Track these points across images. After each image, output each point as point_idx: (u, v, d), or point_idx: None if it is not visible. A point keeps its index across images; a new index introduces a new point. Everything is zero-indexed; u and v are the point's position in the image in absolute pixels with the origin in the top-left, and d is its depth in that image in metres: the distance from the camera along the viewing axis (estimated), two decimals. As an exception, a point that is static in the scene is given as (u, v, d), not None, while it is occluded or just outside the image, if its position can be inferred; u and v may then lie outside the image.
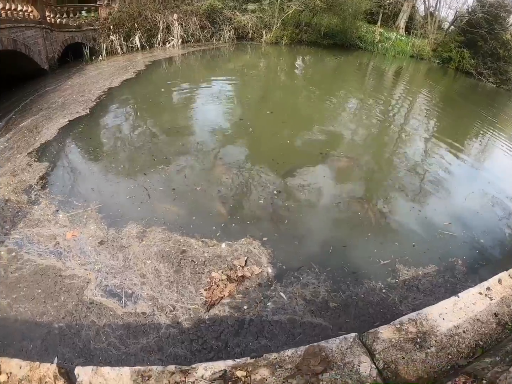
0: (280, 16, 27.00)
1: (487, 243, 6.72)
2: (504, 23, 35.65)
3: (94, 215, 5.86)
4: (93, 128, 9.58)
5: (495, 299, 4.31)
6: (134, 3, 22.10)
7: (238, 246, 5.34)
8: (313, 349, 2.87)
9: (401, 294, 5.03)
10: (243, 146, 8.93)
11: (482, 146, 13.52)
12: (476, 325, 3.84)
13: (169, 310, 4.32)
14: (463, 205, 8.08)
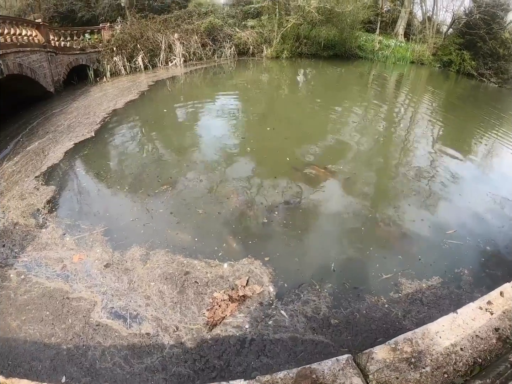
0: (279, 30, 27.27)
1: (494, 250, 6.67)
2: (502, 22, 35.67)
3: (100, 238, 6.00)
4: (98, 151, 9.74)
5: (496, 313, 4.18)
6: (135, 24, 22.62)
7: (240, 266, 5.43)
8: (305, 371, 2.94)
9: (404, 308, 5.02)
10: (245, 166, 9.00)
11: (486, 151, 13.40)
12: (475, 342, 3.73)
13: (172, 330, 4.40)
14: (468, 212, 8.06)
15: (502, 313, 4.11)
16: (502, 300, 4.32)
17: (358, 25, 32.73)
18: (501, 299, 4.34)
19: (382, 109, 17.55)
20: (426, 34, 39.07)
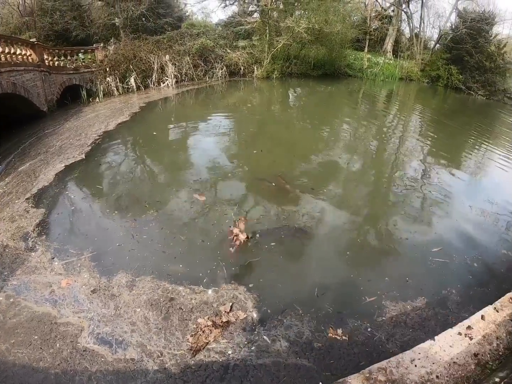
0: (270, 51, 27.77)
1: (481, 267, 6.77)
2: (488, 35, 36.52)
3: (87, 264, 6.09)
4: (87, 174, 9.87)
5: (476, 338, 4.31)
6: (128, 45, 22.95)
7: (224, 292, 5.53)
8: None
9: (388, 332, 5.09)
10: (233, 191, 9.06)
11: (475, 165, 13.87)
12: (452, 369, 3.82)
13: (156, 356, 4.47)
14: (454, 228, 8.22)
15: (482, 338, 4.27)
16: (483, 324, 4.47)
17: (346, 44, 33.28)
18: (482, 322, 4.49)
19: (372, 127, 17.93)
20: (414, 51, 39.99)
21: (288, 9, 28.73)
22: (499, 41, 38.10)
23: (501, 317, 4.65)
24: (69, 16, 27.39)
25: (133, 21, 27.66)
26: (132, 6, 26.87)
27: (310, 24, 26.39)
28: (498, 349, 4.12)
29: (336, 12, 29.03)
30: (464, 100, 34.01)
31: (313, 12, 27.86)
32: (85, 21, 28.37)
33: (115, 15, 27.52)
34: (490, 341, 4.23)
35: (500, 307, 4.83)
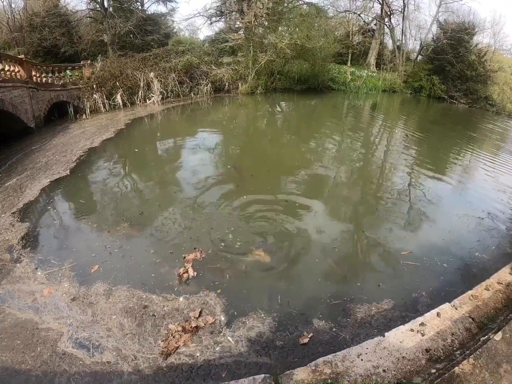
0: (254, 66, 28.27)
1: (453, 270, 7.04)
2: (468, 45, 37.53)
3: (68, 274, 6.41)
4: (71, 189, 10.16)
5: (429, 334, 4.41)
6: (115, 62, 23.33)
7: (195, 298, 5.83)
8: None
9: (353, 332, 5.28)
10: (209, 206, 9.29)
11: (457, 172, 14.40)
12: (400, 363, 3.93)
13: (131, 359, 4.75)
14: (426, 231, 8.65)
15: (436, 334, 4.41)
16: (438, 321, 4.63)
17: (329, 59, 33.89)
18: (437, 319, 4.65)
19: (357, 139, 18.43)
20: (397, 63, 40.83)
21: (271, 26, 29.31)
22: (479, 50, 39.20)
23: (459, 314, 4.80)
24: (58, 32, 27.67)
25: (121, 38, 28.16)
26: (120, 23, 27.31)
27: (292, 40, 26.98)
28: (452, 344, 4.25)
29: (318, 28, 29.65)
30: (447, 109, 34.71)
31: (295, 28, 28.49)
32: (74, 37, 28.67)
33: (103, 31, 27.94)
34: (444, 337, 4.36)
35: (459, 304, 5.01)
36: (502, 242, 8.43)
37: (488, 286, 5.55)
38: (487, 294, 5.31)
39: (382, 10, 41.86)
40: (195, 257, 6.92)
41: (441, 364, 3.86)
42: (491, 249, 8.01)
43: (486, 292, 5.37)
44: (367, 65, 42.15)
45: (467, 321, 4.69)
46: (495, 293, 5.35)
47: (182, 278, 6.34)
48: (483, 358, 3.70)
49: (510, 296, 5.28)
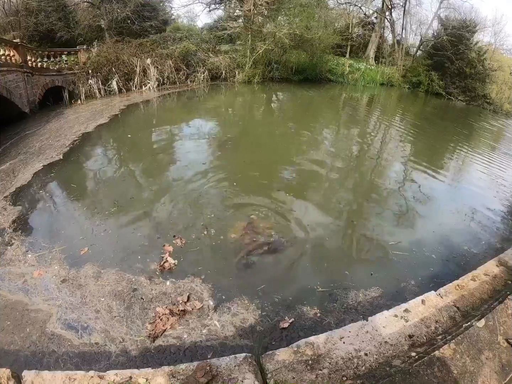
0: (251, 55, 28.11)
1: (442, 262, 7.16)
2: (468, 43, 37.61)
3: (58, 256, 6.45)
4: (64, 173, 10.17)
5: (412, 321, 4.42)
6: (111, 48, 23.07)
7: (182, 284, 5.89)
8: (204, 364, 3.43)
9: (338, 317, 5.37)
10: (198, 193, 9.28)
11: (452, 168, 14.74)
12: (382, 348, 3.94)
13: (119, 341, 4.80)
14: (418, 225, 8.78)
15: (420, 320, 4.43)
16: (423, 308, 4.64)
17: (328, 50, 33.85)
18: (422, 307, 4.66)
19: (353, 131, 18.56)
20: (396, 57, 40.76)
21: (271, 15, 29.17)
22: (479, 48, 39.18)
23: (444, 302, 4.83)
24: (54, 16, 27.49)
25: (118, 23, 27.88)
26: (118, 8, 27.07)
27: (291, 30, 26.88)
28: (436, 331, 4.27)
29: (318, 19, 29.51)
30: (444, 105, 34.87)
31: (294, 18, 28.35)
32: (70, 22, 28.40)
33: (100, 17, 27.67)
34: (428, 324, 4.38)
35: (445, 293, 5.03)
36: (492, 237, 8.56)
37: (475, 277, 5.57)
38: (474, 285, 5.34)
39: (383, 3, 41.74)
40: (176, 245, 6.98)
41: (422, 348, 3.92)
42: (480, 244, 8.14)
43: (473, 282, 5.40)
44: (366, 58, 42.06)
45: (452, 309, 4.72)
46: (481, 284, 5.38)
47: (164, 268, 6.37)
48: (465, 343, 3.73)
49: (496, 288, 5.30)
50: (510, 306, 4.40)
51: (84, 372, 3.36)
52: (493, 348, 3.80)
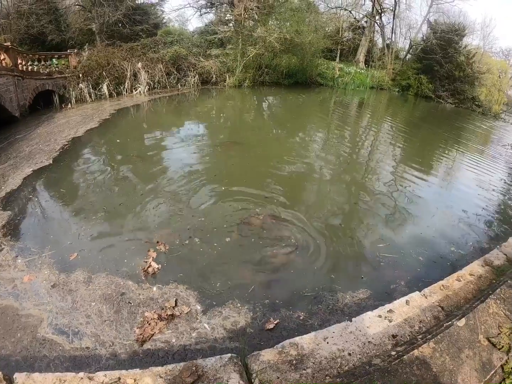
0: (242, 59, 28.23)
1: (427, 261, 7.32)
2: (457, 46, 38.21)
3: (48, 261, 6.49)
4: (53, 178, 10.17)
5: (396, 321, 4.51)
6: (102, 52, 23.06)
7: (167, 289, 5.95)
8: (190, 365, 3.51)
9: (323, 319, 5.47)
10: (188, 197, 9.39)
11: (441, 170, 15.06)
12: (366, 348, 4.02)
13: (108, 345, 4.86)
14: (406, 226, 8.92)
15: (404, 320, 4.51)
16: (407, 308, 4.73)
17: (318, 54, 34.16)
18: (406, 307, 4.75)
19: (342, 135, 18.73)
20: (386, 61, 41.20)
21: (261, 19, 29.32)
22: (468, 52, 39.76)
23: (428, 302, 4.92)
24: (45, 19, 27.44)
25: (109, 27, 27.90)
26: (109, 12, 27.07)
27: (282, 34, 27.06)
28: (419, 331, 4.33)
29: (308, 23, 29.72)
30: (433, 108, 35.28)
31: (285, 22, 28.52)
32: (61, 25, 28.40)
33: (91, 20, 27.64)
34: (411, 324, 4.47)
35: (429, 293, 5.13)
36: (479, 238, 8.75)
37: (460, 277, 5.68)
38: (458, 285, 5.44)
39: (373, 7, 42.22)
40: (159, 250, 7.03)
41: (402, 347, 4.01)
42: (468, 245, 8.32)
43: (458, 282, 5.51)
44: (356, 62, 42.52)
45: (436, 309, 4.81)
46: (466, 284, 5.49)
47: (148, 273, 6.43)
48: (444, 342, 3.80)
49: (481, 287, 5.40)
50: (492, 305, 4.44)
51: (74, 374, 3.43)
52: (473, 347, 3.86)
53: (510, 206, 11.68)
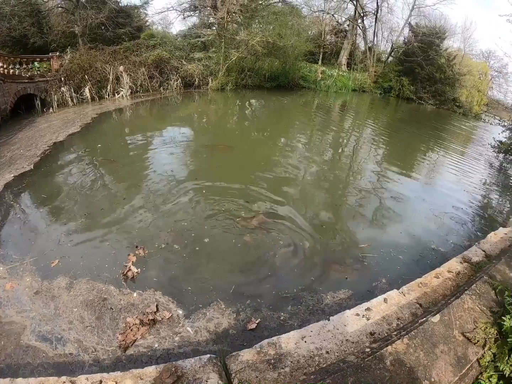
0: (225, 63, 28.16)
1: (407, 260, 7.52)
2: (438, 49, 39.03)
3: (29, 268, 6.46)
4: (34, 184, 10.05)
5: (374, 319, 4.62)
6: (84, 55, 22.76)
7: (147, 295, 5.99)
8: (170, 366, 3.60)
9: (303, 319, 5.57)
10: (170, 202, 9.40)
11: (423, 170, 15.42)
12: (344, 346, 4.13)
13: (91, 351, 4.89)
14: (387, 226, 9.16)
15: (382, 318, 4.62)
16: (385, 306, 4.84)
17: (301, 57, 34.33)
18: (384, 305, 4.87)
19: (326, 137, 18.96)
20: (368, 63, 41.73)
21: (244, 23, 29.42)
22: (449, 54, 40.49)
23: (406, 300, 5.05)
24: (28, 22, 26.95)
25: (92, 30, 27.66)
26: (92, 14, 26.82)
27: (264, 38, 27.14)
28: (397, 328, 4.42)
29: (291, 26, 29.85)
30: (415, 109, 35.97)
31: (268, 25, 28.66)
32: (44, 28, 27.92)
33: (74, 22, 27.34)
34: (389, 322, 4.58)
35: (407, 291, 5.27)
36: (460, 236, 9.04)
37: (438, 274, 5.84)
38: (437, 282, 5.59)
39: (355, 11, 42.64)
40: (139, 254, 7.07)
41: (376, 344, 4.12)
42: (448, 243, 8.58)
43: (436, 279, 5.66)
44: (338, 65, 42.91)
45: (414, 306, 4.94)
46: (444, 281, 5.63)
47: (127, 277, 6.47)
48: (418, 338, 3.91)
49: (460, 284, 5.55)
50: (467, 301, 4.57)
51: (57, 378, 3.49)
52: (448, 342, 3.97)
53: (490, 204, 12.12)
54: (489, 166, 18.23)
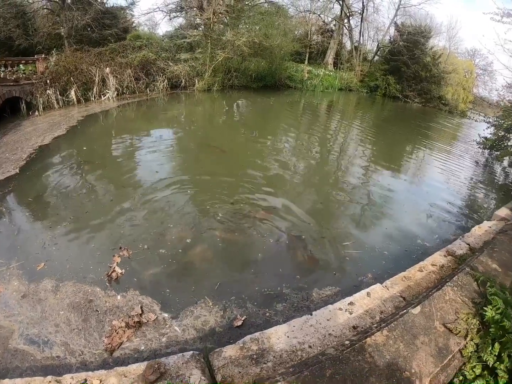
0: (211, 63, 28.19)
1: (392, 255, 7.66)
2: (424, 47, 39.78)
3: (16, 272, 6.47)
4: (20, 188, 10.03)
5: (357, 313, 4.70)
6: (70, 57, 22.58)
7: (131, 297, 6.02)
8: (153, 363, 3.67)
9: (288, 316, 5.63)
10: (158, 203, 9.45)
11: (409, 167, 15.73)
12: (326, 340, 4.19)
13: (78, 354, 4.93)
14: (373, 223, 9.29)
15: (365, 312, 4.71)
16: (368, 300, 4.94)
17: (287, 57, 34.55)
18: (367, 299, 4.96)
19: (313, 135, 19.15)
20: (354, 63, 42.15)
21: (230, 23, 29.46)
22: (434, 53, 41.03)
23: (390, 293, 5.14)
24: (13, 23, 26.61)
25: (78, 31, 27.44)
26: (78, 16, 26.60)
27: (250, 38, 27.25)
28: (380, 321, 4.47)
29: (278, 27, 29.94)
30: (401, 108, 36.34)
31: (254, 26, 28.74)
32: (29, 29, 27.64)
33: (60, 24, 27.12)
34: (372, 315, 4.66)
35: (391, 284, 5.37)
36: (445, 231, 9.23)
37: (422, 267, 5.98)
38: (420, 275, 5.71)
39: (342, 11, 42.93)
40: (123, 255, 7.11)
41: (356, 336, 4.20)
42: (434, 237, 8.76)
43: (420, 273, 5.78)
44: (324, 64, 43.15)
45: (397, 300, 5.04)
46: (428, 274, 5.76)
47: (111, 278, 6.52)
48: (398, 330, 3.99)
49: (443, 277, 5.65)
50: (448, 292, 4.65)
51: (42, 378, 3.57)
52: (429, 333, 4.03)
53: (475, 199, 12.42)
54: (475, 162, 18.59)
